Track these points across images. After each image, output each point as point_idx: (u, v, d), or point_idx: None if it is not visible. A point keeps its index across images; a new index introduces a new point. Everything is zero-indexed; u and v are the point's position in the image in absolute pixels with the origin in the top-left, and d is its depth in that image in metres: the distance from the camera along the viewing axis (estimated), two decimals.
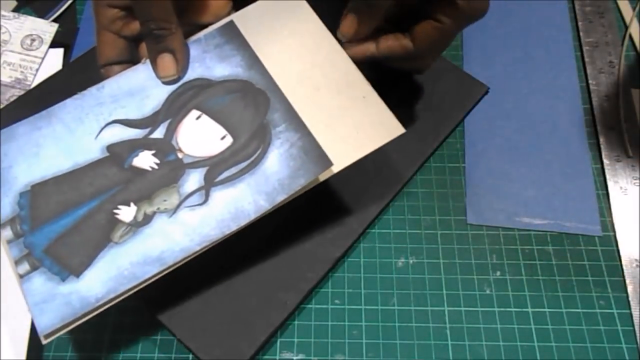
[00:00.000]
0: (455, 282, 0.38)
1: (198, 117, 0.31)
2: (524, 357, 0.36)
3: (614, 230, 0.40)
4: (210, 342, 0.32)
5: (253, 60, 0.32)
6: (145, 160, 0.30)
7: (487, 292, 0.38)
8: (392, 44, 0.33)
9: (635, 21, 0.49)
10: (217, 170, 0.30)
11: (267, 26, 0.33)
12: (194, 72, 0.32)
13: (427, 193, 0.42)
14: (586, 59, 0.48)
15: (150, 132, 0.31)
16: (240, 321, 0.33)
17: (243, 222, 0.29)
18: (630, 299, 0.37)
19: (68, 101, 0.31)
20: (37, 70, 0.45)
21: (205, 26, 0.33)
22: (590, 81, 0.47)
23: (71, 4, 0.50)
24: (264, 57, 0.32)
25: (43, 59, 0.46)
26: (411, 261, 0.39)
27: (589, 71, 0.47)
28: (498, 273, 0.39)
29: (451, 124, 0.40)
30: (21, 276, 0.27)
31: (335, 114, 0.31)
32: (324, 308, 0.37)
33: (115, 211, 0.29)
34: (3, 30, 0.47)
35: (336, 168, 0.31)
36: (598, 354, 0.36)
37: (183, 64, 0.32)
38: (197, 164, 0.30)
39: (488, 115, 0.45)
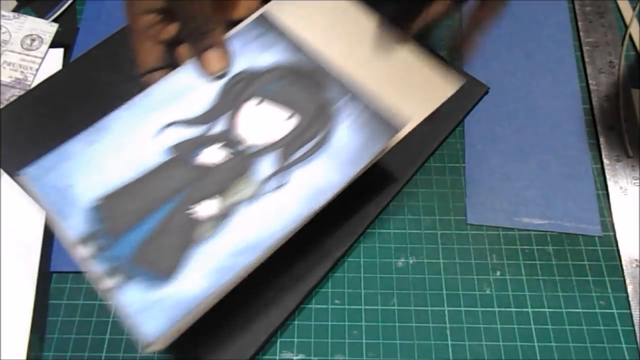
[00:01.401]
0: (455, 282, 0.38)
1: (259, 103, 0.31)
2: (524, 357, 0.36)
3: (614, 230, 0.40)
4: (210, 342, 0.32)
5: (296, 45, 0.33)
6: (212, 155, 0.30)
7: (487, 292, 0.38)
8: None
9: (635, 21, 0.49)
10: (288, 152, 0.30)
11: (301, 11, 0.34)
12: (239, 65, 0.32)
13: (427, 193, 0.42)
14: (586, 59, 0.48)
15: (211, 127, 0.30)
16: (240, 321, 0.33)
17: (324, 198, 0.29)
18: (630, 299, 0.37)
19: (116, 112, 0.30)
20: (37, 70, 0.45)
21: (238, 22, 0.34)
22: (590, 81, 0.47)
23: (71, 4, 0.50)
24: (305, 40, 0.33)
25: (43, 59, 0.46)
26: (411, 261, 0.39)
27: (589, 71, 0.47)
28: (498, 273, 0.39)
29: (451, 124, 0.40)
30: (113, 289, 0.26)
31: (391, 79, 0.32)
32: (324, 308, 0.37)
33: (193, 210, 0.28)
34: (3, 30, 0.47)
35: (404, 131, 0.31)
36: (598, 354, 0.36)
37: (229, 57, 0.32)
38: (266, 149, 0.30)
39: (488, 115, 0.45)
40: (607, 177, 0.42)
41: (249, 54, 0.33)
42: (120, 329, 0.36)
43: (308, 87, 0.32)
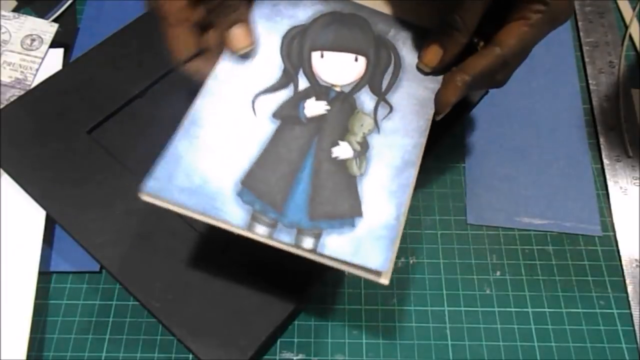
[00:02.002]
0: (455, 282, 0.38)
1: (322, 56, 0.32)
2: (524, 357, 0.36)
3: (614, 230, 0.40)
4: (210, 342, 0.32)
5: None
6: (314, 107, 0.31)
7: (487, 292, 0.38)
8: (482, 61, 0.30)
9: (635, 21, 0.49)
10: (375, 84, 0.32)
11: None
12: (282, 25, 0.33)
13: (427, 193, 0.42)
14: (586, 59, 0.48)
15: (297, 86, 0.31)
16: (240, 321, 0.33)
17: (430, 106, 0.31)
18: (630, 299, 0.37)
19: (199, 101, 0.30)
20: (37, 70, 0.45)
21: None
22: (590, 81, 0.47)
23: (71, 4, 0.50)
24: None
25: (43, 59, 0.46)
26: (411, 261, 0.39)
27: (589, 71, 0.47)
28: (498, 273, 0.39)
29: (451, 124, 0.40)
30: (313, 250, 0.27)
31: None
32: (324, 308, 0.37)
33: (333, 155, 0.29)
34: (3, 30, 0.47)
35: None
36: (598, 354, 0.36)
37: (254, 33, 0.32)
38: (357, 87, 0.32)
39: (488, 115, 0.45)
40: (607, 177, 0.42)
41: (284, 12, 0.33)
42: (121, 329, 0.36)
43: (357, 27, 0.33)
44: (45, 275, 0.38)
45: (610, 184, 0.42)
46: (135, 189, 0.35)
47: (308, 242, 0.27)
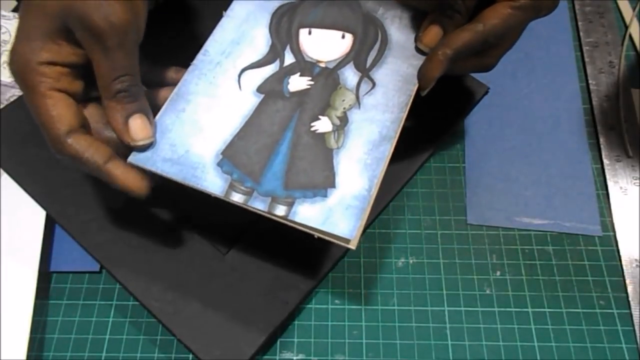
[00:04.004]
0: (455, 282, 0.38)
1: (310, 33, 0.33)
2: (524, 357, 0.36)
3: (614, 230, 0.40)
4: (210, 342, 0.32)
5: None
6: (298, 82, 0.32)
7: (487, 292, 0.38)
8: (464, 35, 0.30)
9: (635, 21, 0.49)
10: (360, 61, 0.33)
11: None
12: (272, 2, 0.34)
13: (427, 193, 0.42)
14: (586, 59, 0.48)
15: (282, 62, 0.32)
16: (240, 321, 0.33)
17: (414, 82, 0.32)
18: (630, 299, 0.37)
19: (187, 76, 0.31)
20: None
21: None
22: (590, 81, 0.47)
23: None
24: None
25: None
26: (411, 261, 0.39)
27: (589, 71, 0.47)
28: (498, 273, 0.39)
29: (451, 124, 0.40)
30: (286, 217, 0.28)
31: None
32: (324, 308, 0.37)
33: (312, 129, 0.31)
34: (3, 30, 0.47)
35: None
36: (598, 354, 0.36)
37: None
38: (341, 63, 0.33)
39: (488, 115, 0.45)
40: (607, 177, 0.42)
41: None
42: (121, 329, 0.36)
43: (346, 5, 0.34)
44: (45, 275, 0.38)
45: (610, 184, 0.42)
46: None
47: (280, 210, 0.28)
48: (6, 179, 0.37)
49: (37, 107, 0.27)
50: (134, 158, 0.29)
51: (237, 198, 0.28)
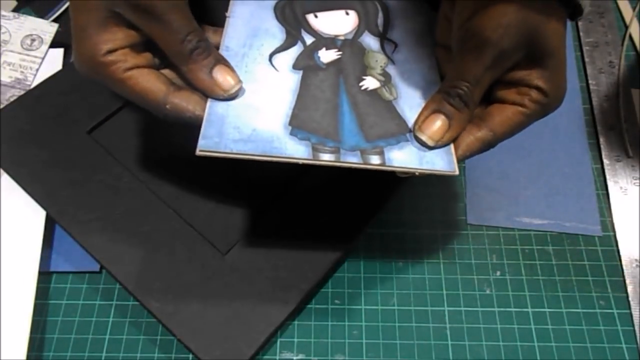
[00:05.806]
0: (455, 282, 0.38)
1: (316, 17, 0.34)
2: (524, 357, 0.36)
3: (614, 230, 0.40)
4: (210, 342, 0.32)
5: None
6: (328, 55, 0.33)
7: (487, 292, 0.38)
8: (475, 144, 0.29)
9: (635, 21, 0.49)
10: (373, 28, 0.35)
11: None
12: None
13: (427, 193, 0.42)
14: (586, 59, 0.48)
15: (304, 42, 0.33)
16: (240, 321, 0.33)
17: (428, 35, 0.34)
18: (630, 299, 0.37)
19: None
20: (37, 70, 0.45)
21: None
22: (590, 81, 0.47)
23: None
24: None
25: (43, 59, 0.46)
26: (411, 261, 0.39)
27: (589, 71, 0.47)
28: (498, 273, 0.39)
29: None
30: (383, 164, 0.28)
31: None
32: (324, 308, 0.37)
33: (363, 87, 0.31)
34: (3, 30, 0.47)
35: None
36: (598, 354, 0.36)
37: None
38: (357, 33, 0.34)
39: None
40: (607, 177, 0.42)
41: None
42: (121, 329, 0.36)
43: None
44: (45, 275, 0.38)
45: (610, 184, 0.42)
46: (135, 189, 0.35)
47: (375, 159, 0.28)
48: (6, 179, 0.37)
49: (125, 91, 0.28)
50: (202, 144, 0.27)
51: (327, 157, 0.28)
